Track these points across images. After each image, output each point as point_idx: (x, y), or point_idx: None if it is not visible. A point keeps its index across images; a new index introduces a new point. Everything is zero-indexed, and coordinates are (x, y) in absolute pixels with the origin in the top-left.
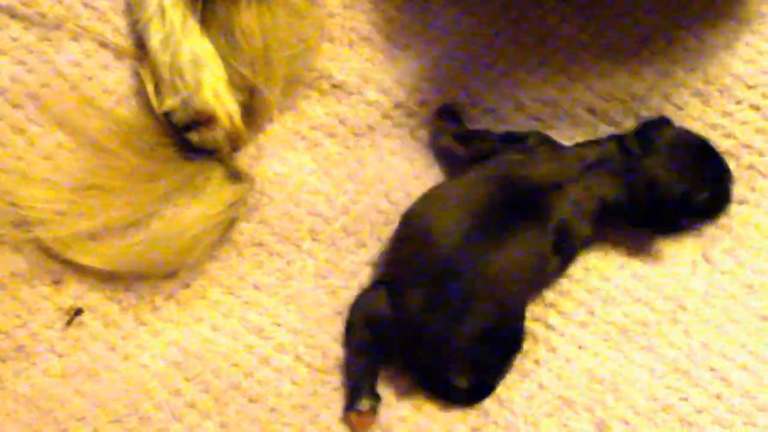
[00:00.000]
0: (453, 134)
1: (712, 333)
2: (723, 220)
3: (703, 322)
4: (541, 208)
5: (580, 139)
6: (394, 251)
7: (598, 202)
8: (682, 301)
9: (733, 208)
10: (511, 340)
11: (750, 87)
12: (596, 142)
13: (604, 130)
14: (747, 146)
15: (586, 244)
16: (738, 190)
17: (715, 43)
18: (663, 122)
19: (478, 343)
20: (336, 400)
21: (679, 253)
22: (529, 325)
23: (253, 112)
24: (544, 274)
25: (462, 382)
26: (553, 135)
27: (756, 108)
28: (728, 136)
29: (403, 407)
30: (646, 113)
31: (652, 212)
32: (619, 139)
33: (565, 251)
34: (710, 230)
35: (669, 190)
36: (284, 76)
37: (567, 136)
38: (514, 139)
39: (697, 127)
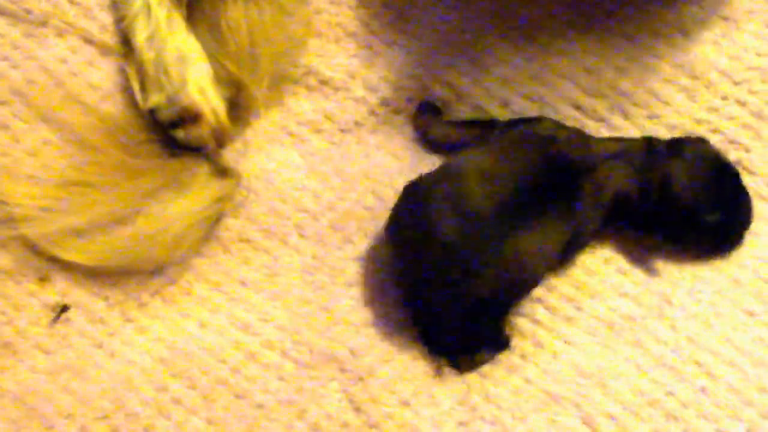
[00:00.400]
0: (446, 122)
1: (699, 328)
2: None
3: (689, 317)
4: (572, 192)
5: None
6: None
7: (612, 194)
8: (669, 296)
9: None
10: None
11: (736, 83)
12: (622, 138)
13: (591, 127)
14: (733, 142)
15: (593, 238)
16: None
17: (702, 39)
18: (699, 139)
19: (475, 317)
20: (324, 396)
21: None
22: (516, 320)
23: (239, 108)
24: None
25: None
26: None
27: (742, 104)
28: (715, 131)
29: (389, 402)
30: (633, 109)
31: (660, 216)
32: (647, 139)
33: (576, 241)
34: None
35: (682, 198)
36: (271, 72)
37: None
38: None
39: (684, 123)
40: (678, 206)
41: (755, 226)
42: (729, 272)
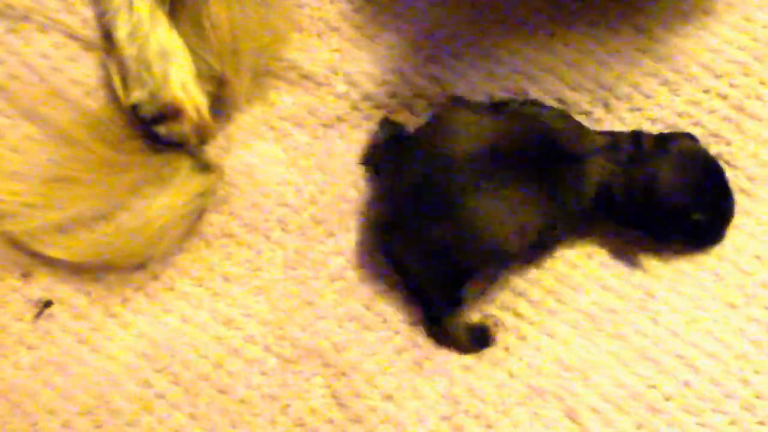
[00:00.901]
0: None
1: (680, 321)
2: None
3: (671, 310)
4: (553, 178)
5: None
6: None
7: (596, 187)
8: (651, 289)
9: None
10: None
11: (718, 76)
12: (612, 133)
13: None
14: (715, 135)
15: (576, 231)
16: None
17: (684, 32)
18: (687, 136)
19: (433, 271)
20: (307, 390)
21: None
22: (499, 313)
23: (221, 102)
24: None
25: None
26: None
27: (724, 97)
28: (696, 124)
29: (373, 396)
30: (615, 102)
31: (644, 213)
32: (635, 134)
33: (555, 232)
34: None
35: (666, 195)
36: (253, 67)
37: None
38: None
39: (665, 116)
40: (662, 204)
41: (737, 219)
42: (710, 266)
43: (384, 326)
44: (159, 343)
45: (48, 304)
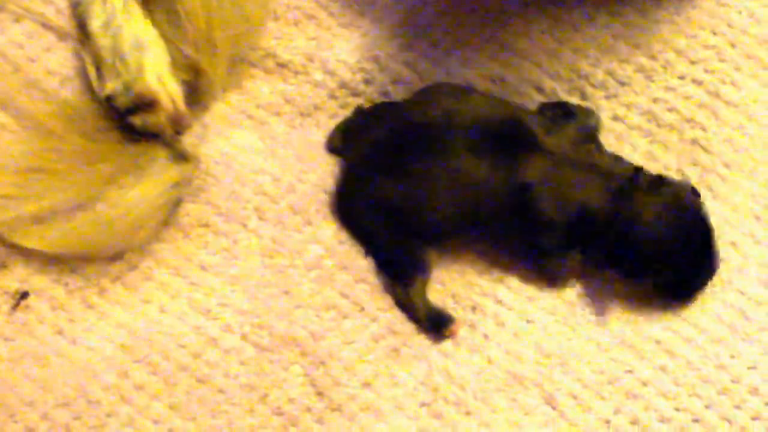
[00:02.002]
0: None
1: (657, 306)
2: None
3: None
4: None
5: None
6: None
7: (577, 207)
8: None
9: None
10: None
11: (693, 62)
12: (619, 158)
13: None
14: (690, 120)
15: (558, 249)
16: (680, 164)
17: (659, 18)
18: (684, 185)
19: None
20: (285, 379)
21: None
22: (478, 299)
23: (197, 91)
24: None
25: None
26: None
27: (699, 83)
28: (671, 110)
29: (351, 384)
30: (591, 90)
31: (619, 250)
32: (637, 169)
33: (534, 244)
34: None
35: (644, 239)
36: (229, 56)
37: None
38: None
39: (641, 102)
40: (638, 245)
41: (709, 203)
42: None
43: (361, 314)
44: (137, 334)
45: (25, 295)
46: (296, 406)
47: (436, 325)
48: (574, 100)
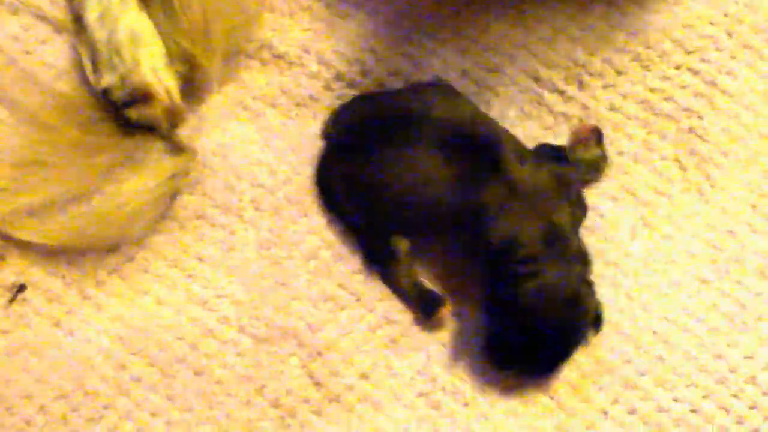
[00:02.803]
0: None
1: (653, 296)
2: (662, 184)
3: (643, 286)
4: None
5: (527, 107)
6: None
7: (511, 240)
8: (623, 265)
9: (673, 172)
10: None
11: (689, 52)
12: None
13: (548, 98)
14: (686, 110)
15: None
16: (677, 153)
17: (655, 8)
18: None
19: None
20: (283, 371)
21: (619, 218)
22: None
23: (193, 84)
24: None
25: None
26: (499, 102)
27: (695, 72)
28: (668, 99)
29: (349, 375)
30: (588, 79)
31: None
32: (577, 236)
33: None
34: (649, 196)
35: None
36: (225, 47)
37: (515, 104)
38: None
39: (637, 92)
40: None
41: (709, 193)
42: (682, 241)
43: (358, 305)
44: (134, 326)
45: (21, 288)
46: (294, 398)
47: (426, 307)
48: (572, 89)
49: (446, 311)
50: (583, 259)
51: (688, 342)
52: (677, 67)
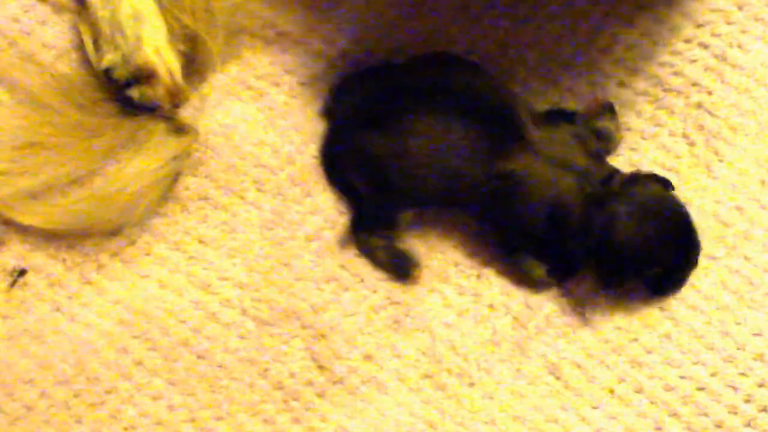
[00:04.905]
0: None
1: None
2: (669, 160)
3: None
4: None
5: (533, 82)
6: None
7: (548, 204)
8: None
9: (681, 148)
10: None
11: (699, 25)
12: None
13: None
14: (696, 84)
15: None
16: (686, 128)
17: None
18: (657, 179)
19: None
20: (286, 353)
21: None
22: (483, 269)
23: (196, 62)
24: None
25: None
26: (506, 77)
27: (705, 46)
28: (677, 74)
29: (352, 357)
30: (596, 55)
31: (596, 256)
32: (612, 169)
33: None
34: (657, 171)
35: (623, 248)
36: (227, 25)
37: (521, 79)
38: None
39: (646, 67)
40: (618, 255)
41: (717, 169)
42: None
43: (361, 285)
44: (136, 309)
45: (22, 272)
46: (297, 380)
47: (399, 269)
48: (581, 63)
49: (419, 273)
50: (632, 179)
51: (695, 319)
52: (687, 41)
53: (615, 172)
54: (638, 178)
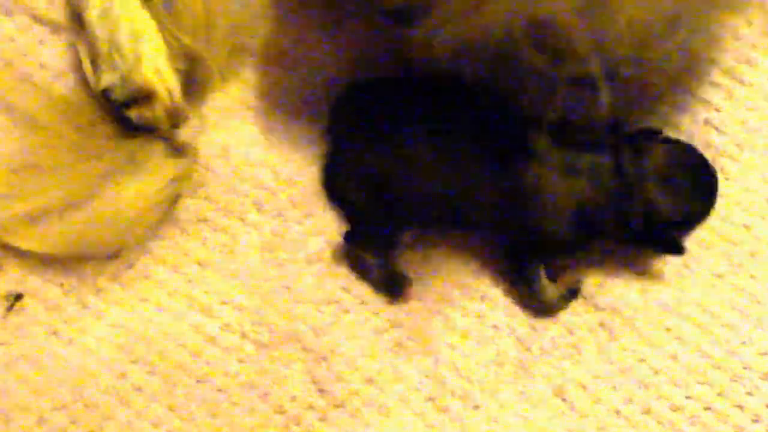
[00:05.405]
0: None
1: (667, 292)
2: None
3: (656, 282)
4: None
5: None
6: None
7: (576, 207)
8: (634, 260)
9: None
10: None
11: None
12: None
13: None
14: (704, 101)
15: (568, 252)
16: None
17: None
18: (654, 134)
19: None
20: (287, 377)
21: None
22: (487, 290)
23: (195, 82)
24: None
25: None
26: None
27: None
28: (684, 90)
29: (354, 380)
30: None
31: (640, 234)
32: (615, 154)
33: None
34: None
35: (667, 217)
36: (228, 44)
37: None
38: None
39: None
40: (664, 225)
41: (722, 186)
42: (696, 236)
43: (363, 308)
44: (135, 334)
45: (19, 297)
46: (298, 404)
47: (390, 287)
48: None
49: (411, 291)
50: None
51: (702, 339)
52: None
53: (615, 149)
54: (638, 141)
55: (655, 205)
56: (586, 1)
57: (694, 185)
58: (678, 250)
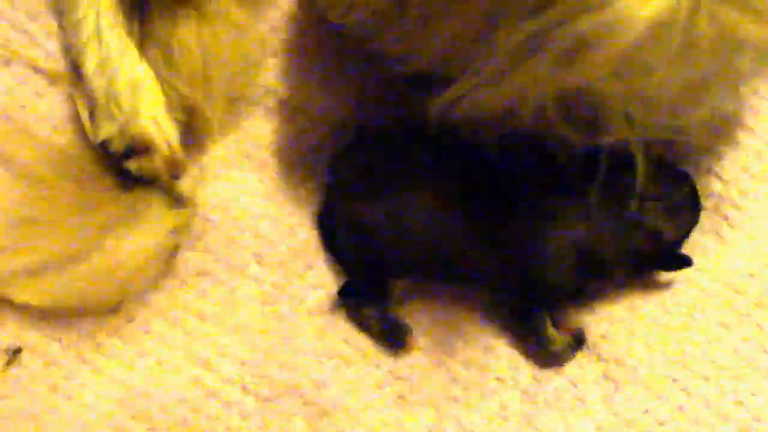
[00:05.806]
0: None
1: (673, 342)
2: None
3: (662, 332)
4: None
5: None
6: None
7: (576, 253)
8: (639, 310)
9: None
10: None
11: None
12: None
13: None
14: (704, 148)
15: (573, 298)
16: None
17: None
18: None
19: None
20: (287, 430)
21: None
22: (490, 340)
23: (194, 132)
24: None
25: None
26: None
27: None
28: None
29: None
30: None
31: (648, 261)
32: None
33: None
34: None
35: (674, 238)
36: (226, 94)
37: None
38: None
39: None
40: (667, 248)
41: (725, 233)
42: (702, 285)
43: (364, 361)
44: (135, 389)
45: (17, 351)
46: None
47: (392, 338)
48: None
49: (413, 341)
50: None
51: (709, 390)
52: None
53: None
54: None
55: (660, 231)
56: (618, 66)
57: (682, 197)
58: (688, 263)
